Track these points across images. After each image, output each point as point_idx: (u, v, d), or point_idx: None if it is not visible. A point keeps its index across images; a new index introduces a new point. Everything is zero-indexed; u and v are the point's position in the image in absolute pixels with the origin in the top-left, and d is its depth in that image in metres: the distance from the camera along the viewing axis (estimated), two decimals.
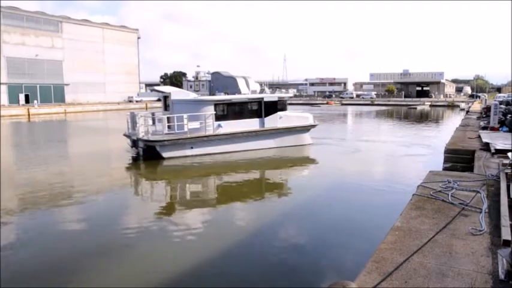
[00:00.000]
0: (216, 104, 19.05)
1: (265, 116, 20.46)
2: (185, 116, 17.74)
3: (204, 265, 7.39)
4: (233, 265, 7.48)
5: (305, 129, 22.12)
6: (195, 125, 18.23)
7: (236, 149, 18.92)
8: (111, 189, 13.83)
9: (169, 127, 17.73)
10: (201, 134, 18.32)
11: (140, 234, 9.19)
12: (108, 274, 7.18)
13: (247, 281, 6.85)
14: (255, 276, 7.01)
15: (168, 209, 11.64)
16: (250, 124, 20.06)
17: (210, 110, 18.74)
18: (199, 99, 19.57)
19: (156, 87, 21.36)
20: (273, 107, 20.81)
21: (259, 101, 20.44)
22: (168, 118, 17.75)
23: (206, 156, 18.01)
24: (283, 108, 21.42)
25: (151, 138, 17.67)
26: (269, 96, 21.17)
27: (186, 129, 17.73)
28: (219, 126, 18.84)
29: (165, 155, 17.39)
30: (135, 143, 18.52)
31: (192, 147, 18.05)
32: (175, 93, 19.70)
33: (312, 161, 18.93)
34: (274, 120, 20.76)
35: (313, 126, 22.61)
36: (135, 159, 18.00)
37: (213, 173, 15.99)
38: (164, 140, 17.43)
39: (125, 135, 19.83)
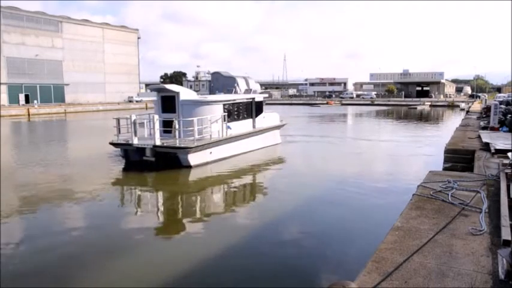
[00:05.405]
0: (224, 105, 18.00)
1: (255, 116, 20.47)
2: (208, 117, 16.55)
3: (204, 265, 7.38)
4: (233, 265, 7.48)
5: (279, 128, 22.79)
6: (216, 127, 17.03)
7: (240, 151, 18.39)
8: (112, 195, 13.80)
9: (168, 132, 16.12)
10: (219, 137, 17.02)
11: (141, 235, 9.19)
12: (110, 274, 7.18)
13: (247, 281, 6.85)
14: (255, 276, 7.01)
15: (171, 213, 11.64)
16: (247, 124, 19.87)
17: (220, 111, 17.56)
18: (209, 100, 18.04)
19: (166, 86, 18.43)
20: (260, 107, 20.95)
21: (251, 102, 20.31)
22: (185, 121, 16.11)
23: (222, 161, 16.89)
24: (263, 109, 21.63)
25: (179, 144, 15.40)
26: (258, 96, 21.16)
27: (209, 133, 16.44)
28: (229, 127, 17.91)
29: (192, 163, 15.35)
30: (126, 153, 16.51)
31: (211, 153, 16.46)
32: (185, 93, 17.61)
33: (312, 161, 18.92)
34: (260, 121, 20.86)
35: (284, 125, 23.54)
36: (126, 170, 15.90)
37: (229, 177, 15.05)
38: (196, 146, 15.30)
39: (112, 143, 16.87)
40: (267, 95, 26.76)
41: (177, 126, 15.89)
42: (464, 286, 3.74)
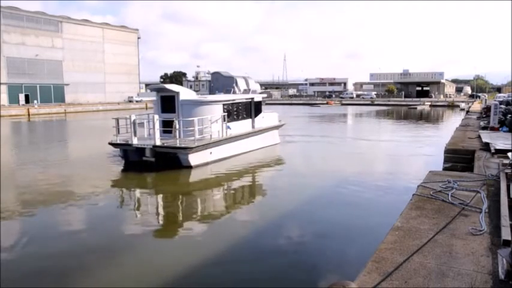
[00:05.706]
0: (224, 105, 17.96)
1: (255, 116, 20.46)
2: (209, 117, 16.61)
3: (204, 265, 7.38)
4: (233, 265, 7.48)
5: (277, 128, 22.74)
6: (216, 127, 17.04)
7: (240, 151, 18.31)
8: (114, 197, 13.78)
9: (168, 132, 16.04)
10: (219, 137, 16.98)
11: (141, 236, 9.19)
12: (110, 274, 7.17)
13: (247, 281, 6.85)
14: (255, 276, 7.01)
15: (172, 213, 11.64)
16: (246, 124, 19.82)
17: (219, 111, 17.54)
18: (209, 100, 17.91)
19: (166, 86, 18.18)
20: (259, 107, 20.95)
21: (250, 102, 20.27)
22: (186, 121, 16.05)
23: (221, 161, 16.78)
24: (262, 109, 21.60)
25: (180, 144, 15.29)
26: (257, 96, 21.16)
27: (209, 133, 16.44)
28: (228, 128, 17.86)
29: (193, 163, 15.30)
30: (126, 153, 16.42)
31: (211, 153, 16.38)
32: (184, 93, 17.53)
33: (311, 161, 18.91)
34: (260, 120, 20.85)
35: (282, 125, 23.40)
36: (126, 170, 15.79)
37: (229, 177, 15.03)
38: (197, 146, 15.26)
39: (112, 144, 16.76)
40: (265, 95, 26.70)
41: (177, 126, 15.83)
42: (464, 286, 3.74)
